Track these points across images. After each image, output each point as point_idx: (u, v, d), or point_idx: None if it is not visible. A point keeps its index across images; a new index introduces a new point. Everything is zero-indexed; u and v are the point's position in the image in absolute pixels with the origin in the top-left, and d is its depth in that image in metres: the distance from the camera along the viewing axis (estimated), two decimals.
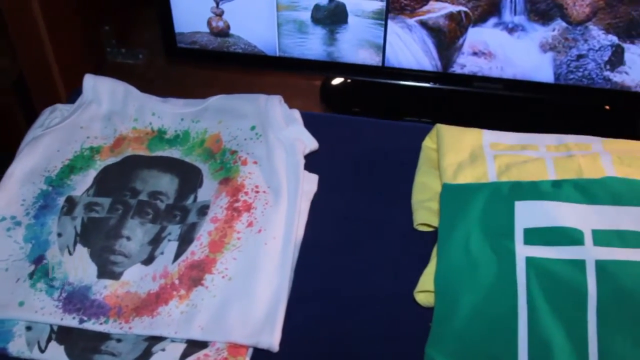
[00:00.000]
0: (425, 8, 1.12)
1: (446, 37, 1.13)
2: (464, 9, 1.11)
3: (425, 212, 0.85)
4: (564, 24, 1.11)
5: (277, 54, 1.19)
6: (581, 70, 1.15)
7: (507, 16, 1.11)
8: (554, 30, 1.12)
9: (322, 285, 0.81)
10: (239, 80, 1.26)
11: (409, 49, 1.16)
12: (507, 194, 0.80)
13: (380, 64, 1.17)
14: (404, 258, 0.83)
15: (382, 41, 1.15)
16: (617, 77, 1.15)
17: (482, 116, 1.21)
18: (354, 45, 1.16)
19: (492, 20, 1.12)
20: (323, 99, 1.23)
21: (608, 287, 0.75)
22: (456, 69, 1.16)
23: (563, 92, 1.16)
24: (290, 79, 1.27)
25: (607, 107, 1.22)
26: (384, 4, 1.11)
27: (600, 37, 1.12)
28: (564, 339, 0.73)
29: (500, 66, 1.16)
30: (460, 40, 1.14)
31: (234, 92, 0.99)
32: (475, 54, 1.15)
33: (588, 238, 0.77)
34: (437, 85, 1.18)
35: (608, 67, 1.14)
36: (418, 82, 1.17)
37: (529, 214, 0.78)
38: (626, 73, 1.15)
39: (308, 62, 1.18)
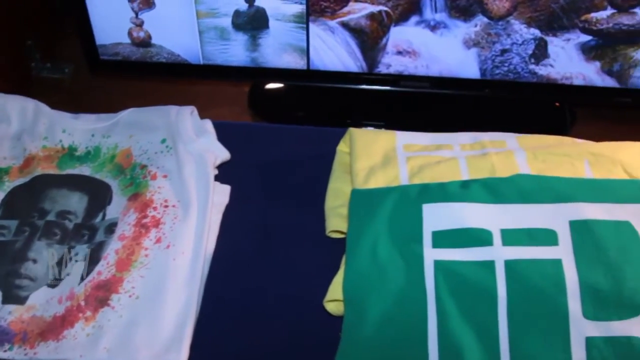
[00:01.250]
0: (345, 9, 1.11)
1: (369, 38, 1.12)
2: (385, 8, 1.10)
3: (337, 218, 0.83)
4: (485, 20, 1.10)
5: (201, 62, 1.17)
6: (506, 64, 1.14)
7: (429, 14, 1.10)
8: (476, 26, 1.11)
9: (233, 298, 0.79)
10: (167, 90, 1.24)
11: (333, 51, 1.14)
12: (415, 197, 0.79)
13: (305, 68, 1.15)
14: (318, 267, 0.81)
15: (305, 44, 1.13)
16: (542, 71, 1.14)
17: (417, 115, 1.20)
18: (278, 50, 1.15)
19: (414, 19, 1.10)
20: (251, 105, 1.21)
21: (518, 287, 0.74)
22: (382, 69, 1.15)
23: (490, 87, 1.15)
24: (219, 86, 1.26)
25: (557, 104, 1.22)
26: (304, 7, 1.09)
27: (522, 31, 1.11)
28: (475, 341, 0.72)
29: (425, 64, 1.14)
30: (384, 40, 1.12)
31: (163, 102, 0.98)
32: (399, 53, 1.14)
33: (497, 238, 0.76)
34: (363, 86, 1.16)
35: (533, 60, 1.14)
36: (344, 84, 1.16)
37: (436, 216, 0.77)
38: (551, 66, 1.14)
39: (232, 68, 1.16)
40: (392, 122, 0.92)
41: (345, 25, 1.12)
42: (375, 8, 1.10)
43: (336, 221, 0.83)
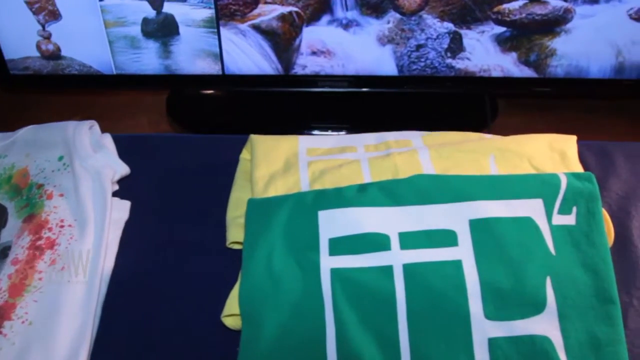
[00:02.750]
0: (255, 12, 1.08)
1: (282, 39, 1.09)
2: (295, 9, 1.07)
3: (237, 229, 0.81)
4: (397, 16, 1.08)
5: (114, 72, 1.13)
6: (423, 60, 1.12)
7: (340, 12, 1.07)
8: (388, 22, 1.09)
9: (132, 319, 0.76)
10: (83, 102, 1.20)
11: (247, 54, 1.11)
12: (310, 204, 0.76)
13: (220, 73, 1.12)
14: (220, 280, 0.78)
15: (218, 49, 1.10)
16: (459, 64, 1.12)
17: (337, 115, 1.18)
18: (191, 56, 1.12)
19: (325, 18, 1.08)
20: (170, 113, 1.18)
21: (417, 291, 0.71)
22: (298, 70, 1.12)
23: (409, 83, 1.13)
24: (137, 96, 1.22)
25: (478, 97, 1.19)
26: (213, 11, 1.06)
27: (436, 26, 1.09)
28: (375, 348, 0.70)
29: (341, 63, 1.12)
30: (297, 41, 1.10)
31: (80, 116, 0.94)
32: (314, 53, 1.11)
33: (394, 242, 0.73)
34: (281, 89, 1.13)
35: (449, 54, 1.11)
36: (261, 87, 1.13)
37: (333, 223, 0.75)
38: (468, 59, 1.12)
39: (146, 77, 1.13)
40: (310, 124, 0.89)
41: (256, 27, 1.09)
42: (285, 9, 1.07)
43: (236, 232, 0.80)
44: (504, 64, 1.12)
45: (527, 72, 1.13)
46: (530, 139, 0.86)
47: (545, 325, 0.71)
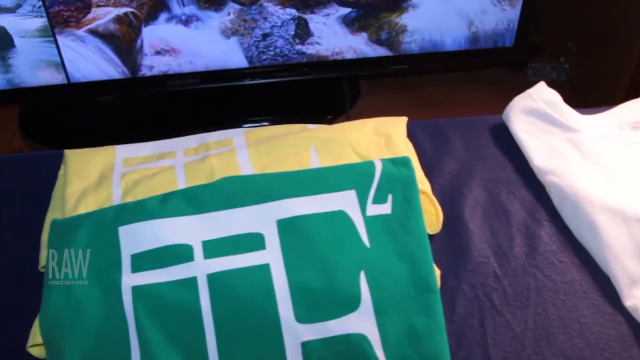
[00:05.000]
0: (90, 16, 1.02)
1: (122, 42, 1.03)
2: (130, 9, 1.01)
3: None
4: (237, 6, 1.02)
5: None
6: (272, 49, 1.07)
7: (177, 9, 1.02)
8: (229, 14, 1.03)
9: None
10: None
11: (89, 60, 1.05)
12: (110, 221, 0.71)
13: (65, 82, 1.06)
14: (35, 308, 0.73)
15: (58, 58, 1.04)
16: (310, 49, 1.07)
17: (191, 115, 1.13)
18: (32, 68, 1.05)
19: (163, 16, 1.02)
20: (21, 128, 1.12)
21: (223, 301, 0.67)
22: (145, 71, 1.06)
23: (262, 73, 1.08)
24: None
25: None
26: (45, 19, 1.00)
27: (278, 13, 1.03)
28: None
29: (189, 60, 1.07)
30: (138, 42, 1.04)
31: None
32: (158, 52, 1.05)
33: (198, 252, 0.68)
34: (130, 92, 1.08)
35: (297, 41, 1.06)
36: (111, 93, 1.07)
37: (134, 238, 0.69)
38: (318, 44, 1.07)
39: None
40: (165, 127, 0.83)
41: (94, 32, 1.03)
42: (120, 10, 1.01)
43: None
44: (356, 45, 1.08)
45: (380, 51, 1.09)
46: (355, 125, 0.82)
47: (360, 322, 0.67)
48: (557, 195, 0.78)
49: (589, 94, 1.14)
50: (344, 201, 0.70)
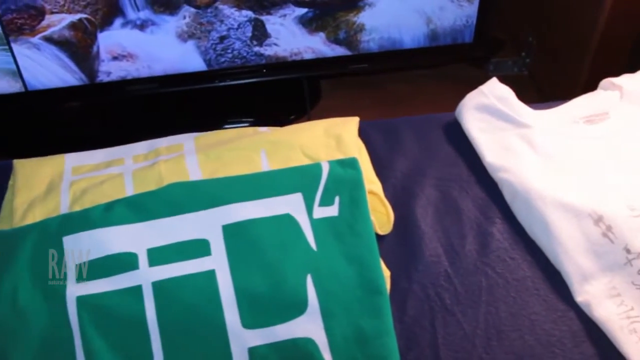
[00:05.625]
0: (44, 23, 1.01)
1: (78, 48, 1.02)
2: (85, 15, 1.00)
3: None
4: (192, 10, 1.01)
5: None
6: (229, 51, 1.06)
7: (132, 14, 1.00)
8: (185, 18, 1.02)
9: None
10: None
11: (46, 68, 1.04)
12: (55, 231, 0.70)
13: (23, 90, 1.05)
14: None
15: (14, 66, 1.03)
16: (268, 51, 1.06)
17: (151, 119, 1.11)
18: None
19: (118, 21, 1.01)
20: None
21: (169, 309, 0.66)
22: (103, 77, 1.05)
23: (220, 76, 1.07)
24: None
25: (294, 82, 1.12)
26: None
27: (234, 15, 1.03)
28: None
29: (147, 65, 1.05)
30: (94, 48, 1.03)
31: None
32: (115, 58, 1.04)
33: (143, 260, 0.67)
34: (89, 99, 1.07)
35: (255, 42, 1.05)
36: (69, 100, 1.06)
37: (78, 248, 0.69)
38: (276, 44, 1.06)
39: None
40: (119, 133, 0.82)
41: (49, 39, 1.02)
42: (74, 17, 1.00)
43: None
44: (314, 45, 1.07)
45: (339, 51, 1.08)
46: (306, 127, 0.81)
47: (308, 326, 0.66)
48: (509, 192, 0.77)
49: (550, 88, 1.14)
50: (291, 204, 0.69)
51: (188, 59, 1.02)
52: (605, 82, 0.87)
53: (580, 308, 0.70)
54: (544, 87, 1.13)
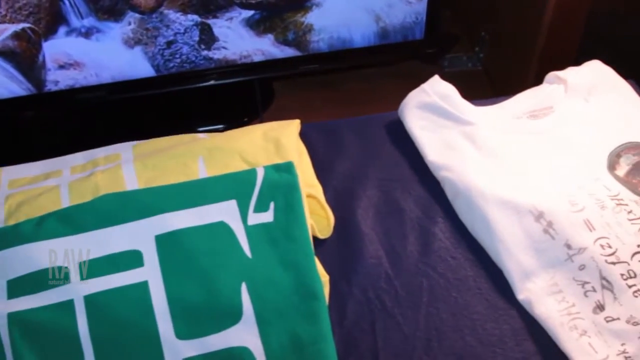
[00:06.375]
0: None
1: (23, 58, 1.01)
2: (27, 25, 0.98)
3: None
4: (137, 15, 1.00)
5: None
6: (178, 56, 1.05)
7: (75, 21, 0.99)
8: (130, 24, 1.01)
9: None
10: None
11: None
12: None
13: None
14: None
15: None
16: (217, 54, 1.05)
17: (102, 127, 1.10)
18: None
19: (63, 30, 0.99)
20: None
21: (101, 323, 0.65)
22: (51, 87, 1.04)
23: (169, 81, 1.05)
24: None
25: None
26: None
27: (180, 20, 1.01)
28: None
29: (94, 73, 1.04)
30: (40, 57, 1.01)
31: None
32: (62, 67, 1.03)
33: (74, 274, 0.66)
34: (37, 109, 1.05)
35: (203, 46, 1.04)
36: (18, 110, 1.05)
37: (10, 263, 0.67)
38: (224, 48, 1.05)
39: None
40: (70, 143, 0.81)
41: None
42: (17, 27, 0.98)
43: None
44: (264, 47, 1.06)
45: (289, 52, 1.07)
46: (245, 132, 0.80)
47: (243, 334, 0.65)
48: (451, 190, 0.76)
49: (503, 82, 1.13)
50: (224, 212, 0.68)
51: (136, 65, 1.01)
52: (551, 75, 0.86)
53: (521, 306, 0.69)
54: (498, 82, 1.12)
